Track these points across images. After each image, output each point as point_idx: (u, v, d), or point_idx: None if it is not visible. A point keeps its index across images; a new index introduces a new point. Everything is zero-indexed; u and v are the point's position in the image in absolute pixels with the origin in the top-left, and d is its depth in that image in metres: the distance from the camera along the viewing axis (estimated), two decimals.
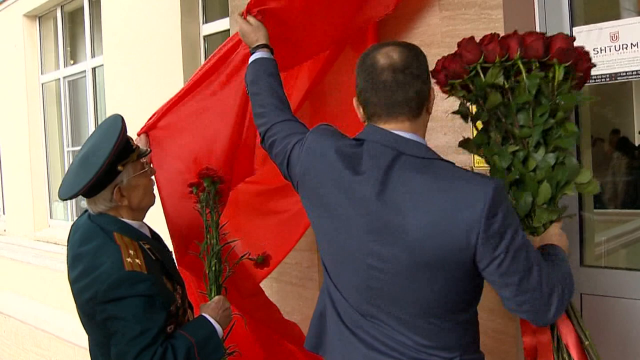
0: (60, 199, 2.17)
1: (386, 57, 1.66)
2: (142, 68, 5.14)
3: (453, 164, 1.65)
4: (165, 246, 2.40)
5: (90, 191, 2.12)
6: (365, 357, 1.71)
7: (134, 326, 1.96)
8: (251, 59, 2.28)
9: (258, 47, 2.29)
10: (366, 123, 1.75)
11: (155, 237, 2.38)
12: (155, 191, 2.46)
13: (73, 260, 2.15)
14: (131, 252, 2.07)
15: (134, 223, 2.23)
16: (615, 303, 2.51)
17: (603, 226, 2.82)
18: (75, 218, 6.64)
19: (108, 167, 2.09)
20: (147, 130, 2.79)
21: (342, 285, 1.77)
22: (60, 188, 2.19)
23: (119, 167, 2.14)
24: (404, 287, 1.61)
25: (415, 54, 1.69)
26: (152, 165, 2.37)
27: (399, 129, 1.67)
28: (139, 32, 5.17)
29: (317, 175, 1.75)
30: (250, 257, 2.66)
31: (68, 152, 6.92)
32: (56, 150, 7.16)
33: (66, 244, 2.27)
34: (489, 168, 2.05)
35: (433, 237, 1.53)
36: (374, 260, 1.63)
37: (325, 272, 1.86)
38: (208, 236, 2.52)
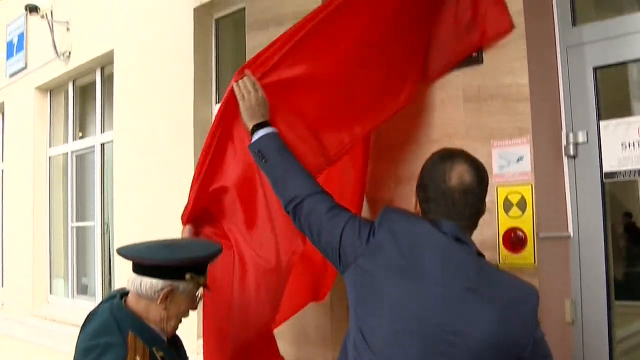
0: (119, 252, 2.12)
1: (459, 178, 1.86)
2: (152, 147, 5.09)
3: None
4: (181, 353, 2.32)
5: (150, 270, 2.07)
6: None
7: None
8: (263, 131, 2.25)
9: (266, 123, 2.28)
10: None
11: (174, 342, 2.29)
12: None
13: (81, 353, 2.06)
14: (138, 358, 1.99)
15: (155, 327, 2.14)
16: None
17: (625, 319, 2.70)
18: (75, 296, 6.53)
19: (184, 266, 2.07)
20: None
21: None
22: (125, 246, 2.15)
23: (187, 276, 2.09)
24: None
25: (483, 176, 1.91)
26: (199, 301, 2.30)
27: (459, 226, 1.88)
28: (150, 110, 5.15)
29: (401, 246, 1.85)
30: None
31: (72, 227, 6.80)
32: (60, 225, 7.04)
33: (72, 327, 2.20)
34: (515, 266, 2.42)
35: (506, 320, 1.74)
36: (452, 335, 1.74)
37: (365, 349, 1.85)
38: None
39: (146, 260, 2.07)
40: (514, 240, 2.49)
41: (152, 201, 5.00)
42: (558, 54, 2.67)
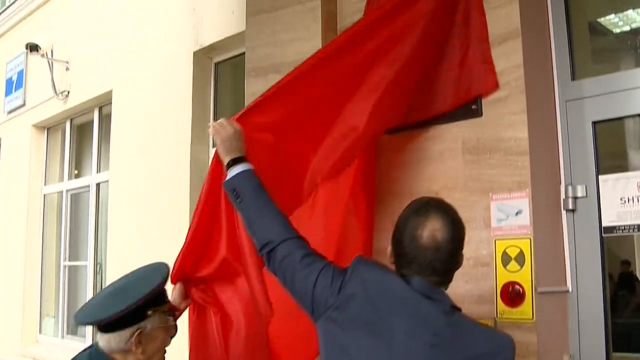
0: (77, 322, 2.08)
1: (431, 237, 1.81)
2: (148, 188, 5.08)
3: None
4: None
5: (111, 325, 2.02)
6: None
7: None
8: (239, 168, 2.20)
9: (242, 159, 2.24)
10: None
11: None
12: None
13: None
14: None
15: None
16: None
17: None
18: (65, 336, 6.43)
19: (140, 306, 2.01)
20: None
21: None
22: (80, 311, 2.11)
23: (149, 312, 2.05)
24: None
25: (459, 230, 1.87)
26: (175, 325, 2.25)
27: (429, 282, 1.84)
28: (147, 152, 5.15)
29: (370, 300, 1.84)
30: None
31: (64, 266, 6.75)
32: (52, 264, 6.99)
33: None
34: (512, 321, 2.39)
35: None
36: None
37: None
38: None
39: (105, 320, 2.02)
40: (512, 295, 2.46)
41: (146, 243, 4.96)
42: (557, 108, 2.67)
